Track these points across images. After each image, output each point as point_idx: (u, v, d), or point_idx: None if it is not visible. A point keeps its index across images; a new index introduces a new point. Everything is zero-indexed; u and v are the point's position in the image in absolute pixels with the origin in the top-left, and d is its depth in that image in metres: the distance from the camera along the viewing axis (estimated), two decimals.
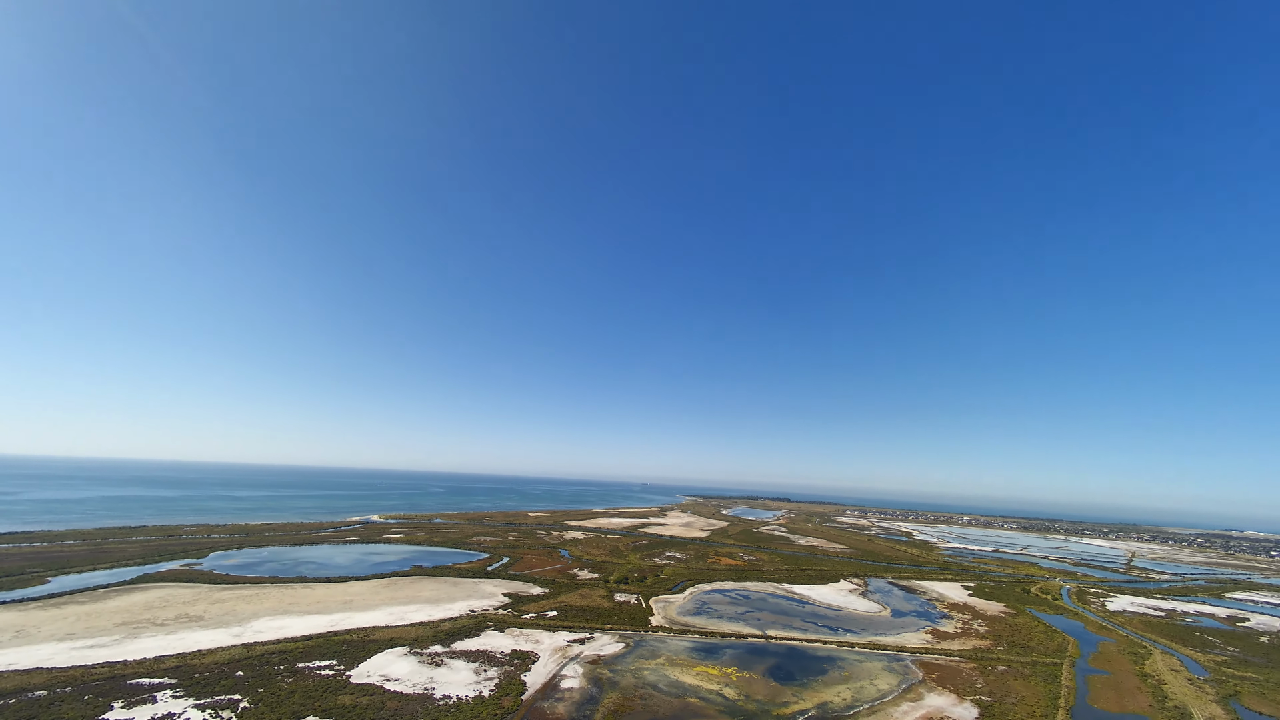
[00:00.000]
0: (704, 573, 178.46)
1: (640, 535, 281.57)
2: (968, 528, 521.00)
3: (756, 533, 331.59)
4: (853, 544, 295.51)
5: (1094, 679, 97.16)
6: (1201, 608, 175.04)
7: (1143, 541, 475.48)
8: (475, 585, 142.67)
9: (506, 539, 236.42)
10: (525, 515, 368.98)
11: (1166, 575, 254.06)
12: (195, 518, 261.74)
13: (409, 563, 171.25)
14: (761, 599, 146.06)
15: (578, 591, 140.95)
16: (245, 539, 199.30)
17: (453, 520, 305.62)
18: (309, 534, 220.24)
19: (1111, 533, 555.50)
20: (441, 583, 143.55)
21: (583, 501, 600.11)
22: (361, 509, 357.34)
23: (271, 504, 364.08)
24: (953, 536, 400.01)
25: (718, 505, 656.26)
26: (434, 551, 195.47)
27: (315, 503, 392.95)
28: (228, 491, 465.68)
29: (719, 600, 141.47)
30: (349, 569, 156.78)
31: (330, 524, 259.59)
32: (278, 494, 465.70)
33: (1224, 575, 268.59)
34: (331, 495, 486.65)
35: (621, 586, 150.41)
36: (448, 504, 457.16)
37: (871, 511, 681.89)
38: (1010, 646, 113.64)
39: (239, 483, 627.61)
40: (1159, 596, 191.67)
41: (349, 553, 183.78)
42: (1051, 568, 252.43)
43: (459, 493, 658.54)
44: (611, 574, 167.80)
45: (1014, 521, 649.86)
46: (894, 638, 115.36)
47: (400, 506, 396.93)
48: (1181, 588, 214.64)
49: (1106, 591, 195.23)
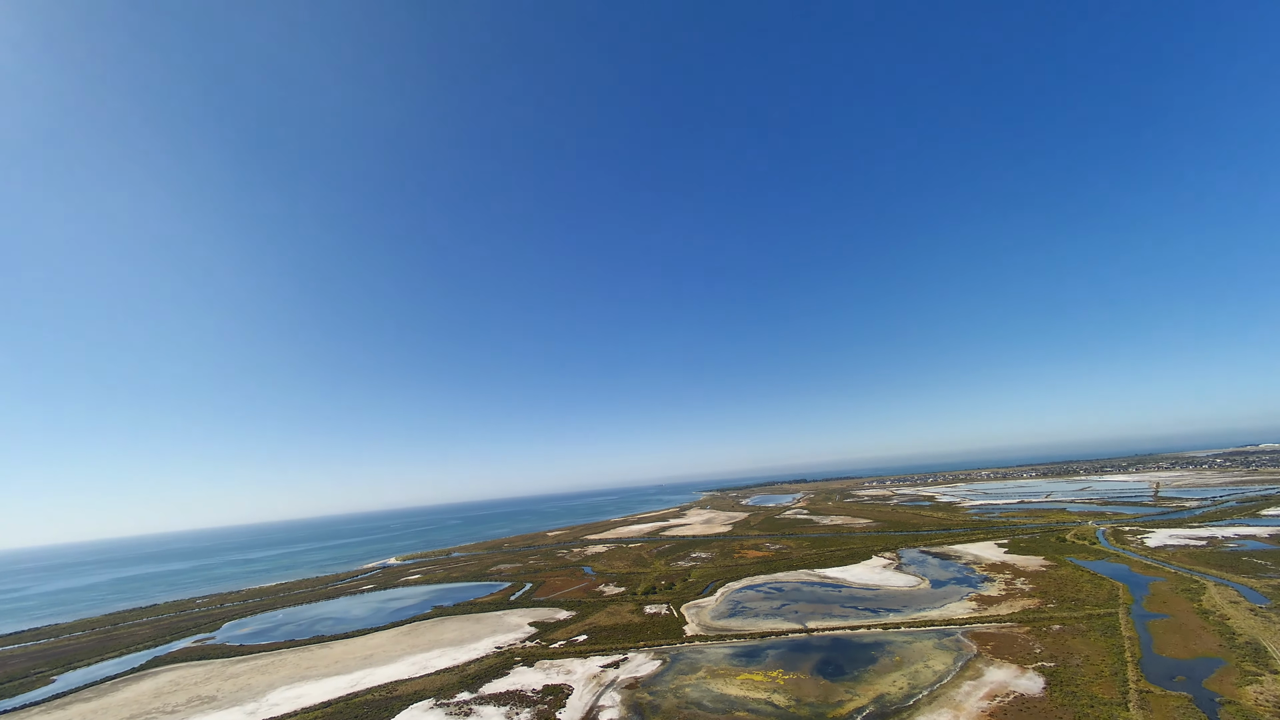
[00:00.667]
0: (732, 570, 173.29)
1: (662, 539, 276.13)
2: (988, 482, 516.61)
3: (779, 519, 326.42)
4: (877, 516, 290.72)
5: (1155, 624, 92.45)
6: (1241, 530, 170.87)
7: (1164, 470, 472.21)
8: (499, 618, 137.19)
9: (527, 563, 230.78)
10: (544, 536, 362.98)
11: (1196, 501, 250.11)
12: (208, 588, 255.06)
13: (429, 604, 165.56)
14: (795, 589, 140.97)
15: (605, 609, 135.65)
16: (259, 603, 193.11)
17: (470, 552, 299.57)
18: (325, 588, 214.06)
19: (1131, 466, 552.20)
20: (464, 621, 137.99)
21: (600, 512, 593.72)
22: (377, 554, 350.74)
23: (286, 562, 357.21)
24: (975, 494, 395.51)
25: (736, 496, 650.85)
26: (454, 588, 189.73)
27: (330, 554, 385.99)
28: (241, 555, 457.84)
29: (752, 597, 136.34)
30: (367, 620, 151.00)
31: (346, 574, 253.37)
32: (291, 551, 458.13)
33: (1253, 493, 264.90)
34: (346, 544, 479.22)
35: (650, 597, 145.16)
36: (465, 535, 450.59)
37: (890, 480, 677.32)
38: (1060, 602, 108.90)
39: (253, 544, 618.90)
40: (1195, 525, 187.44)
41: (367, 602, 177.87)
42: (1081, 510, 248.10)
43: (475, 522, 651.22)
44: (638, 585, 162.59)
45: (1032, 469, 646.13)
46: (938, 610, 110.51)
47: (416, 545, 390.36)
48: (1214, 513, 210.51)
49: (1141, 527, 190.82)
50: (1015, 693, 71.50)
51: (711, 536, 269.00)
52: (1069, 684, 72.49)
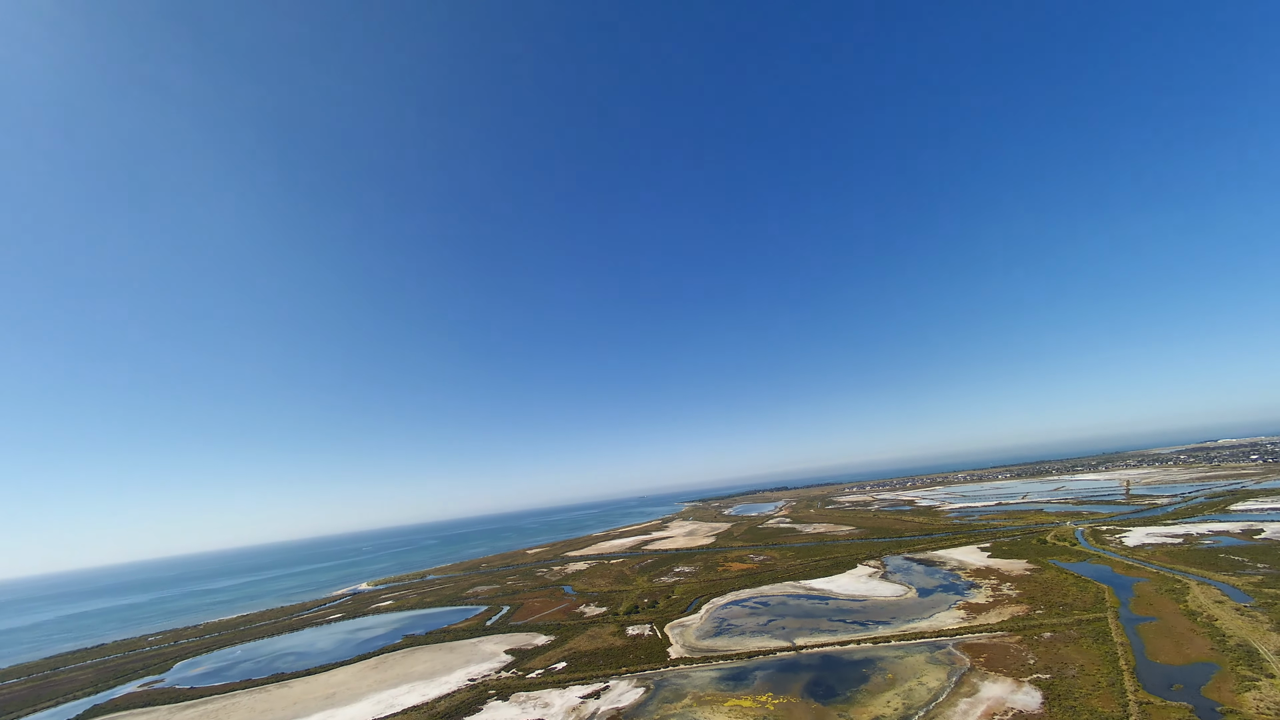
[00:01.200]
0: (716, 584, 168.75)
1: (644, 554, 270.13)
2: (965, 484, 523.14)
3: (762, 529, 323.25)
4: (860, 523, 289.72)
5: (1144, 628, 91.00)
6: (1214, 526, 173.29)
7: (1132, 468, 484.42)
8: (474, 646, 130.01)
9: (505, 584, 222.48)
10: (523, 554, 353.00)
11: (1167, 498, 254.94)
12: (163, 623, 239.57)
13: (400, 633, 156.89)
14: (781, 602, 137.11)
15: (586, 633, 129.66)
16: (217, 639, 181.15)
17: (446, 574, 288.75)
18: (289, 619, 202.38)
19: (1101, 464, 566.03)
20: (436, 651, 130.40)
21: (581, 528, 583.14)
22: (348, 579, 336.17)
23: (251, 591, 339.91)
24: (953, 496, 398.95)
25: (718, 507, 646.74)
26: (427, 614, 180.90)
27: (298, 581, 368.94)
28: (204, 586, 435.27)
29: (737, 613, 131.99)
30: (332, 653, 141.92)
31: (313, 603, 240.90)
32: (257, 579, 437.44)
33: (1219, 488, 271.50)
34: (316, 569, 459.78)
35: (632, 617, 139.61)
36: (441, 556, 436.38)
37: (870, 485, 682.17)
38: (1048, 608, 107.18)
39: (218, 573, 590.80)
40: (1169, 522, 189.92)
41: (333, 633, 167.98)
42: (1058, 511, 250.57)
43: (452, 541, 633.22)
44: (620, 604, 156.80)
45: (1007, 470, 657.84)
46: (928, 621, 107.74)
47: (391, 568, 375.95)
48: (1186, 509, 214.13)
49: (1118, 526, 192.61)
50: (1014, 709, 68.47)
51: (694, 549, 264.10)
52: (1067, 697, 69.80)
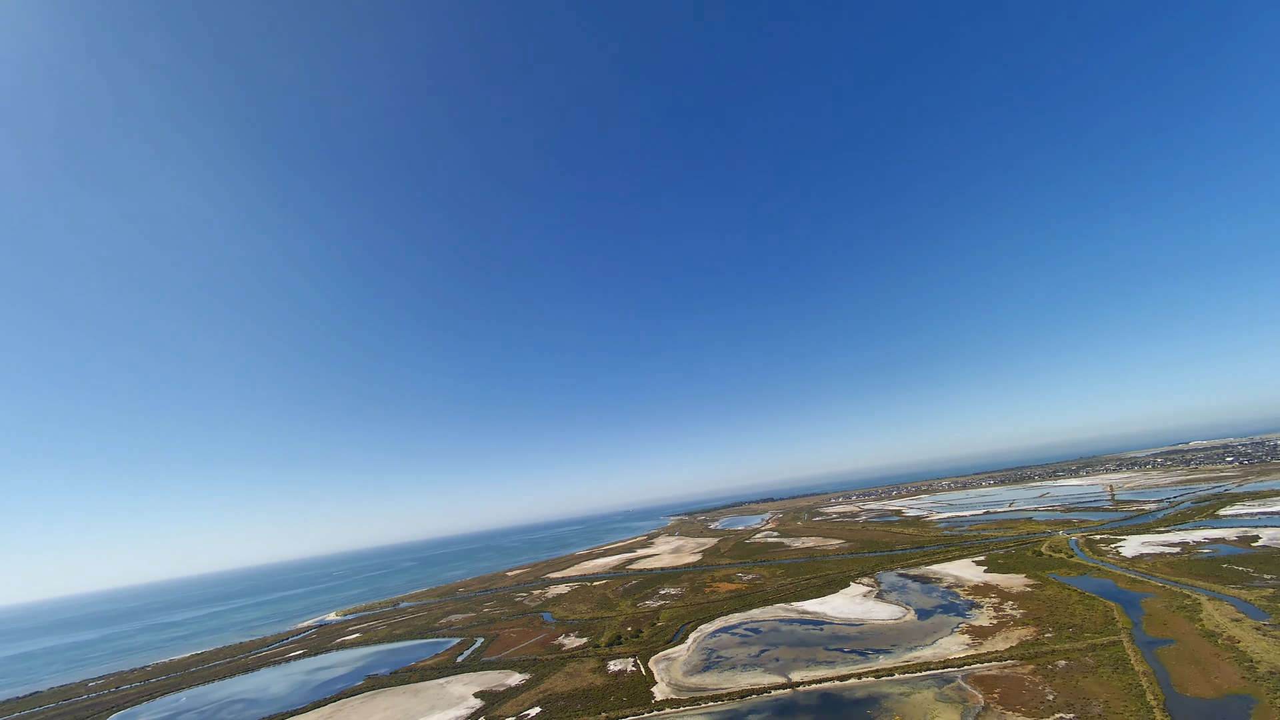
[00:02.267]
0: (704, 608, 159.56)
1: (629, 574, 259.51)
2: (950, 492, 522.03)
3: (749, 544, 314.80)
4: (849, 536, 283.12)
5: (1165, 653, 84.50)
6: (1208, 533, 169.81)
7: (1112, 472, 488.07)
8: (441, 689, 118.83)
9: (481, 612, 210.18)
10: (503, 575, 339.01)
11: (1154, 504, 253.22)
12: (110, 665, 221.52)
13: (363, 672, 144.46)
14: (774, 629, 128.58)
15: (564, 670, 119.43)
16: (163, 683, 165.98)
17: (420, 601, 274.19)
18: (245, 658, 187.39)
19: (1081, 469, 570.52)
20: (399, 695, 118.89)
21: (565, 545, 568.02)
22: (318, 607, 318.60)
23: (212, 624, 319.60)
24: (940, 505, 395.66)
25: (704, 520, 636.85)
26: (395, 649, 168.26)
27: (265, 611, 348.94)
28: (164, 618, 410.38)
29: (727, 642, 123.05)
30: (285, 699, 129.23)
31: (276, 637, 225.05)
32: (222, 609, 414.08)
33: (1203, 491, 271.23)
34: (285, 597, 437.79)
35: (614, 649, 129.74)
36: (418, 579, 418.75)
37: (856, 494, 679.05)
38: (1057, 630, 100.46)
39: (181, 603, 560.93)
40: (1162, 529, 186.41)
41: (291, 674, 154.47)
42: (1047, 519, 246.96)
43: (431, 563, 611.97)
44: (602, 633, 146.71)
45: (990, 476, 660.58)
46: (931, 649, 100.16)
47: (363, 595, 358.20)
48: (1175, 515, 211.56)
49: (1111, 535, 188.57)
50: None
51: (680, 568, 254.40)
52: None
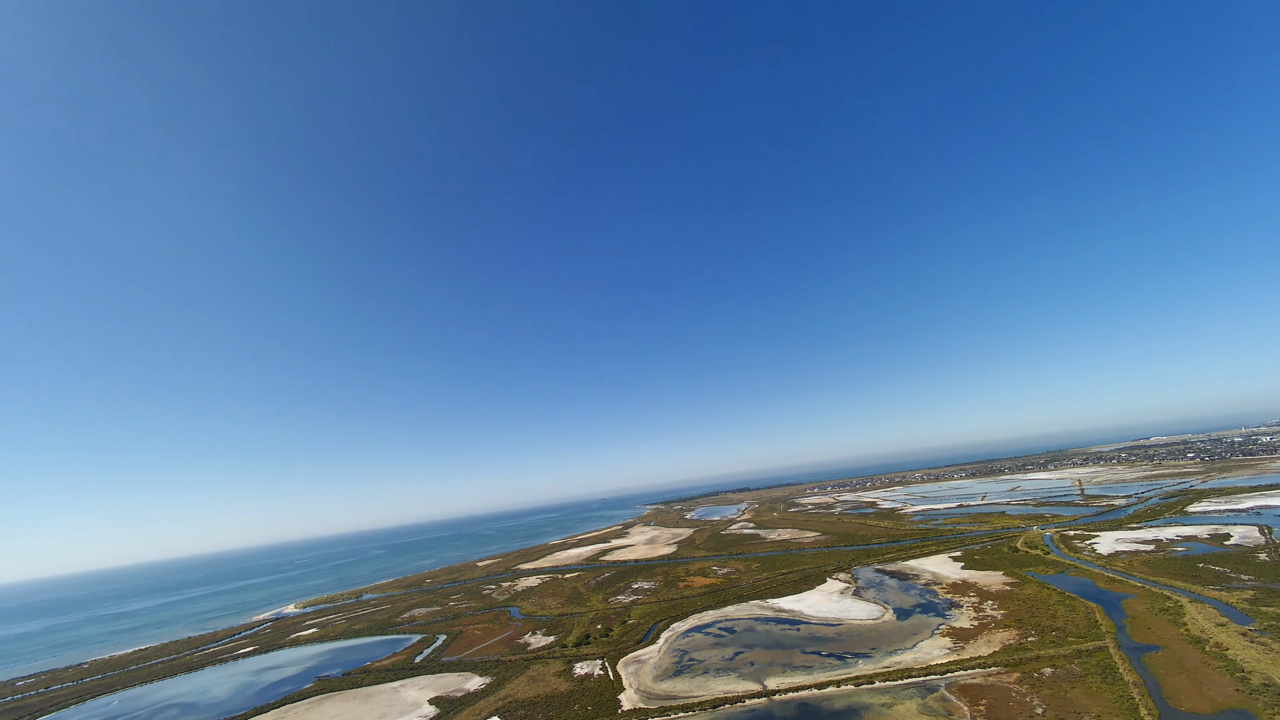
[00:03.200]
0: (677, 604, 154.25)
1: (602, 566, 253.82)
2: (923, 484, 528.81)
3: (725, 535, 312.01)
4: (825, 528, 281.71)
5: (1152, 660, 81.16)
6: (1180, 530, 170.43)
7: (1079, 467, 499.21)
8: (395, 693, 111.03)
9: (446, 605, 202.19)
10: (473, 566, 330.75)
11: (1123, 499, 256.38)
12: (45, 660, 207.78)
13: (314, 672, 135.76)
14: (749, 629, 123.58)
15: (528, 673, 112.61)
16: (99, 682, 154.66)
17: (385, 593, 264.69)
18: (191, 655, 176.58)
19: (1050, 463, 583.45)
20: (348, 700, 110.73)
21: (538, 535, 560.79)
22: (278, 598, 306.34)
23: (164, 615, 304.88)
24: (914, 498, 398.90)
25: (680, 510, 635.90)
26: (352, 646, 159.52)
27: (222, 601, 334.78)
28: (116, 608, 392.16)
29: (700, 643, 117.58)
30: (226, 703, 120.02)
31: (228, 630, 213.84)
32: (177, 599, 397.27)
33: (1170, 487, 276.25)
34: (246, 586, 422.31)
35: (582, 650, 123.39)
36: (386, 569, 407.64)
37: (830, 485, 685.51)
38: (1040, 633, 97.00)
39: (135, 591, 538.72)
40: (1134, 526, 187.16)
41: (237, 674, 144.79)
42: (1020, 513, 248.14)
43: (401, 551, 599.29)
44: (571, 631, 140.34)
45: (961, 469, 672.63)
46: (913, 653, 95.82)
47: (327, 585, 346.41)
48: (1145, 511, 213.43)
49: (1085, 530, 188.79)
50: None
51: (655, 560, 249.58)
52: None
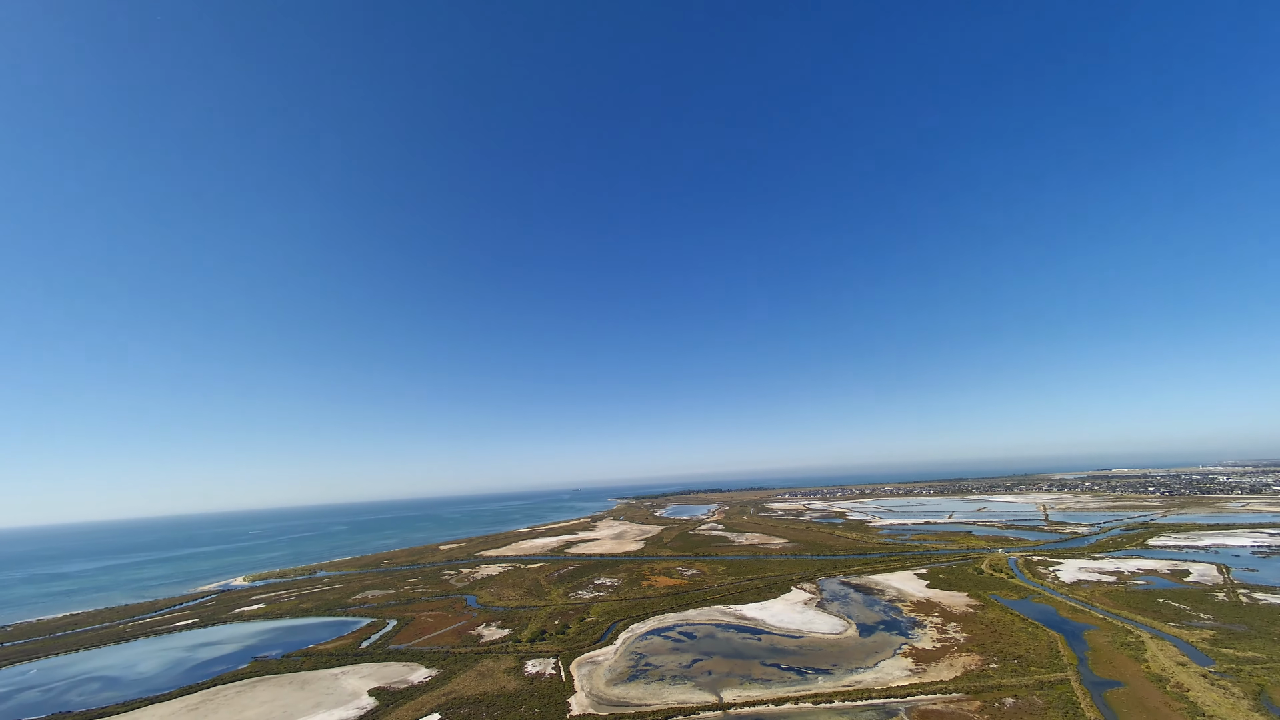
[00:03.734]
0: (639, 604, 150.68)
1: (566, 559, 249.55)
2: (892, 498, 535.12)
3: (693, 535, 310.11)
4: (793, 536, 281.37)
5: (1114, 698, 79.73)
6: (1141, 563, 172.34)
7: (1044, 492, 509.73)
8: (334, 681, 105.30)
9: (402, 589, 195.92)
10: (435, 549, 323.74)
11: (1086, 528, 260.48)
12: None
13: (252, 652, 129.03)
14: (709, 635, 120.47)
15: (477, 667, 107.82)
16: (18, 649, 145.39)
17: (340, 571, 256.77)
18: (125, 624, 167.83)
19: (1015, 486, 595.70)
20: (284, 686, 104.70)
21: (506, 521, 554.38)
22: (227, 569, 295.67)
23: (104, 580, 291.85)
24: (883, 511, 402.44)
25: (650, 506, 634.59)
26: (296, 626, 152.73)
27: (168, 569, 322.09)
28: (54, 567, 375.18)
29: (659, 646, 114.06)
30: (152, 680, 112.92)
31: (169, 600, 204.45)
32: (121, 562, 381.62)
33: (1130, 519, 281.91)
34: (196, 554, 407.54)
35: (536, 646, 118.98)
36: (345, 546, 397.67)
37: (801, 493, 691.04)
38: (1002, 661, 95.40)
39: (80, 551, 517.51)
40: (1096, 555, 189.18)
41: (169, 648, 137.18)
42: (985, 535, 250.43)
43: (365, 529, 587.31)
44: (526, 625, 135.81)
45: (930, 486, 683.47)
46: (874, 673, 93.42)
47: (281, 559, 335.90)
48: (1107, 541, 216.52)
49: (1048, 557, 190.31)
50: None
51: (620, 557, 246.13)
52: None
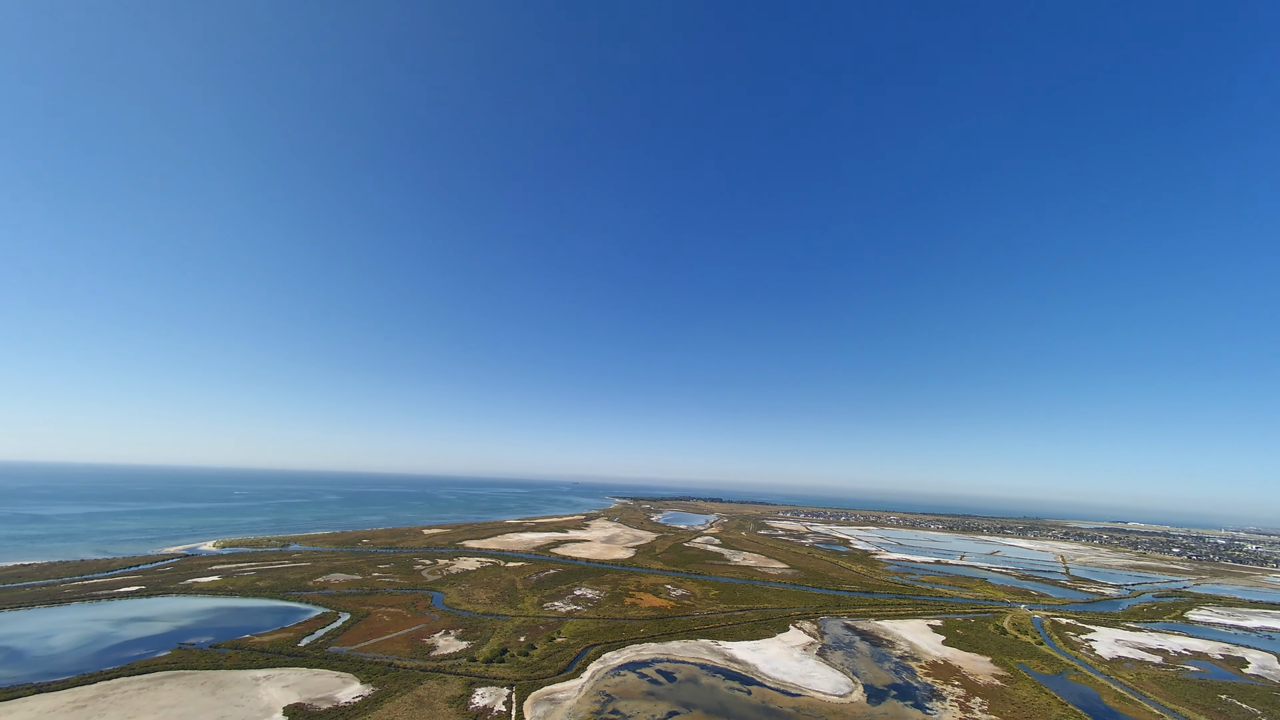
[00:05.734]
0: (617, 628, 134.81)
1: (550, 560, 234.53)
2: (898, 529, 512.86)
3: (687, 549, 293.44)
4: (793, 561, 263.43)
5: None
6: (1186, 642, 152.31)
7: (1059, 540, 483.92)
8: (251, 689, 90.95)
9: (369, 576, 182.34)
10: (419, 533, 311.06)
11: (1113, 588, 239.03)
12: None
13: (181, 636, 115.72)
14: (692, 679, 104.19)
15: (418, 690, 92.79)
16: None
17: (314, 546, 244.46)
18: (68, 583, 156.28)
19: (1027, 530, 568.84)
20: (195, 686, 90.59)
21: (498, 510, 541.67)
22: (201, 531, 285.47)
23: (79, 526, 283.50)
24: (889, 543, 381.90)
25: (647, 510, 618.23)
26: (242, 608, 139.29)
27: (145, 522, 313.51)
28: (40, 508, 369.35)
29: (631, 688, 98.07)
30: (57, 660, 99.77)
31: (126, 560, 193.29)
32: (105, 510, 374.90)
33: (1161, 583, 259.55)
34: (179, 510, 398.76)
35: (492, 670, 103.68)
36: (329, 518, 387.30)
37: (804, 513, 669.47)
38: None
39: (73, 493, 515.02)
40: (1133, 626, 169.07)
41: (96, 620, 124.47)
42: (1003, 584, 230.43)
43: (354, 501, 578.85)
44: (488, 639, 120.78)
45: (937, 520, 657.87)
46: None
47: (263, 525, 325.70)
48: (1141, 609, 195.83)
49: (1077, 620, 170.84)
50: None
51: (607, 564, 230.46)
52: None
